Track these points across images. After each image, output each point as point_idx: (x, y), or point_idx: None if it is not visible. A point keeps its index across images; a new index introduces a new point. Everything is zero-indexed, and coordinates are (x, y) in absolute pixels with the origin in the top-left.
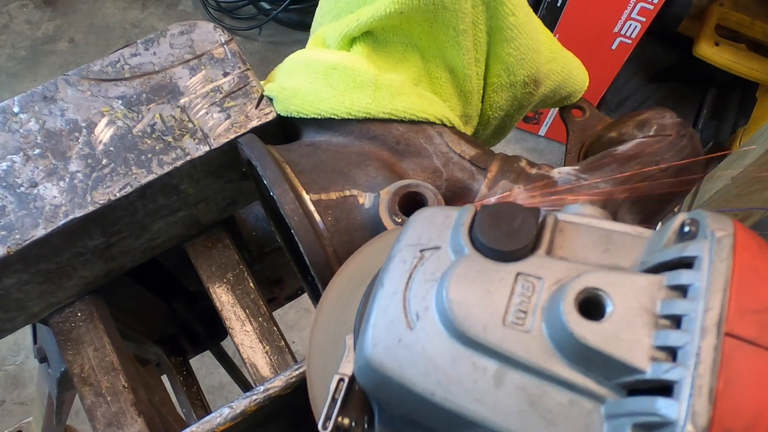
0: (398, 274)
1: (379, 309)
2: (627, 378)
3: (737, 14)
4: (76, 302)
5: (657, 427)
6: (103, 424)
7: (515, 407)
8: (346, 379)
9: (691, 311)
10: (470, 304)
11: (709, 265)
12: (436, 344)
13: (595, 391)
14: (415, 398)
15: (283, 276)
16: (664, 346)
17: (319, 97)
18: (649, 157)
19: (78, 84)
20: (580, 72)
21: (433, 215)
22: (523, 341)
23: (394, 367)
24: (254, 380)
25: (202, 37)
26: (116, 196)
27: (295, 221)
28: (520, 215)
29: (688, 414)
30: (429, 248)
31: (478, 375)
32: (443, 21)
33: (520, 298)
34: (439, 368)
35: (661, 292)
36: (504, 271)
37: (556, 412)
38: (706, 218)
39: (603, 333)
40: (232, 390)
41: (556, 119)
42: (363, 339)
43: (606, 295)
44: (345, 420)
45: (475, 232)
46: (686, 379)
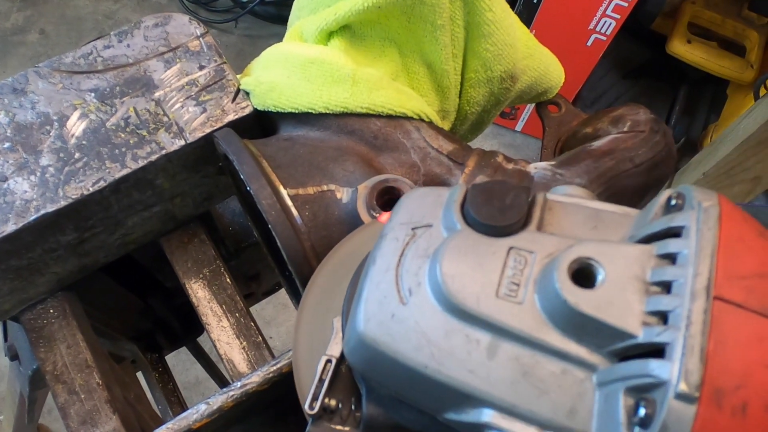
0: (390, 251)
1: (372, 285)
2: (619, 344)
3: (709, 13)
4: (48, 299)
5: (650, 389)
6: (77, 422)
7: (508, 378)
8: (334, 360)
9: (681, 276)
10: (463, 277)
11: (697, 233)
12: (429, 318)
13: (587, 360)
14: (408, 373)
15: (260, 271)
16: (656, 311)
17: (296, 91)
18: (623, 153)
19: (49, 76)
20: (556, 68)
21: (425, 194)
22: (515, 312)
23: (387, 342)
24: (231, 376)
25: (177, 30)
26: (89, 191)
27: (272, 216)
28: (511, 192)
29: (680, 373)
30: (421, 226)
31: (472, 347)
32: (421, 16)
33: (512, 271)
34: (433, 341)
35: (651, 260)
36: (496, 246)
37: (549, 381)
38: (692, 191)
39: (596, 300)
40: (209, 386)
41: (532, 115)
42: (355, 315)
43: (598, 264)
44: (332, 401)
45: (467, 208)
46: (678, 340)
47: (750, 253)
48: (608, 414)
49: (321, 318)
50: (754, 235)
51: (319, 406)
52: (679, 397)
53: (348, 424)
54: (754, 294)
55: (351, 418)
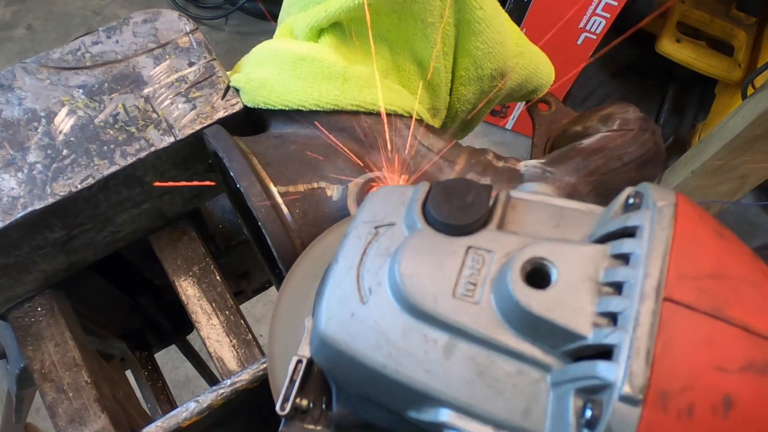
0: (353, 249)
1: (333, 284)
2: (571, 345)
3: (698, 12)
4: (36, 296)
5: (597, 391)
6: (65, 420)
7: (464, 377)
8: (305, 360)
9: (632, 277)
10: (421, 277)
11: (650, 234)
12: (388, 318)
13: (541, 360)
14: (368, 372)
15: (250, 269)
16: (606, 312)
17: (286, 88)
18: (612, 151)
19: (37, 72)
20: (547, 66)
21: (389, 193)
22: (472, 312)
23: (347, 341)
24: (221, 374)
25: (166, 26)
26: (77, 188)
27: (262, 214)
28: (473, 191)
29: (625, 375)
30: (384, 225)
31: (429, 347)
32: (411, 14)
33: (470, 270)
34: (391, 341)
35: (605, 261)
36: (455, 245)
37: (504, 381)
38: (649, 189)
39: (547, 301)
40: (199, 384)
41: (522, 113)
42: (317, 314)
43: (551, 265)
44: (303, 401)
45: (428, 207)
46: (625, 342)
47: (704, 253)
48: (560, 415)
49: (295, 318)
50: (710, 234)
51: (290, 407)
52: (624, 399)
53: (320, 423)
54: (706, 295)
55: (323, 418)
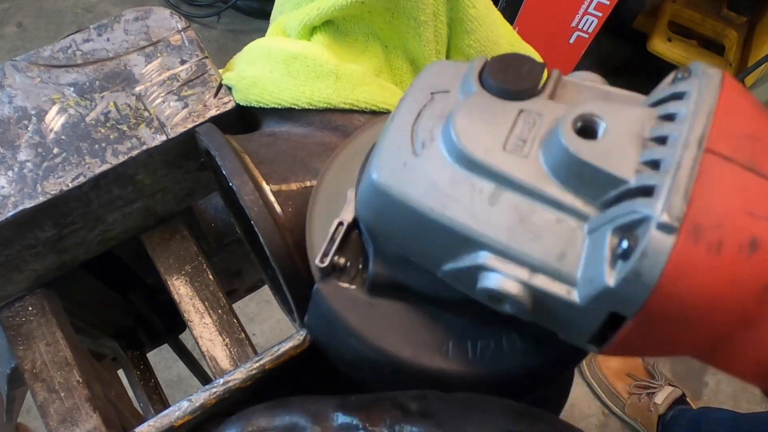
0: (408, 110)
1: (388, 139)
2: (613, 191)
3: (689, 11)
4: (26, 296)
5: (635, 226)
6: (57, 420)
7: (506, 223)
8: (345, 223)
9: (676, 131)
10: (474, 131)
11: (698, 96)
12: (438, 168)
13: (581, 210)
14: (414, 217)
15: (243, 268)
16: (650, 160)
17: (279, 86)
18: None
19: (27, 70)
20: None
21: (445, 66)
22: (519, 164)
23: (397, 187)
24: (214, 373)
25: (158, 24)
26: (68, 187)
27: (254, 212)
28: (528, 62)
29: (664, 207)
30: (440, 91)
31: (475, 194)
32: (404, 12)
33: (520, 129)
34: (440, 188)
35: (652, 121)
36: (508, 107)
37: (544, 228)
38: (699, 64)
39: (595, 149)
40: (191, 384)
41: None
42: (369, 165)
43: (601, 120)
44: (341, 259)
45: (484, 75)
46: (665, 182)
47: (745, 117)
48: (594, 254)
49: (335, 195)
50: (752, 104)
51: (329, 262)
52: (660, 227)
53: (355, 282)
54: (743, 150)
55: (358, 278)
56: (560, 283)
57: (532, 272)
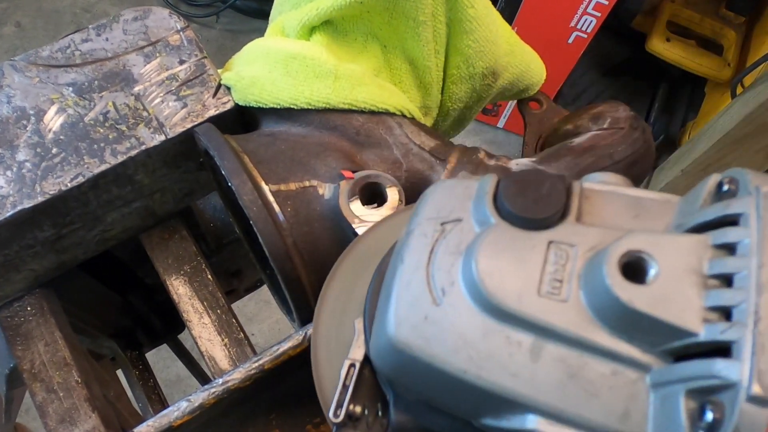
0: (419, 248)
1: (401, 285)
2: (676, 343)
3: (688, 11)
4: (25, 296)
5: (716, 391)
6: (55, 420)
7: (554, 380)
8: (357, 364)
9: (744, 268)
10: (502, 274)
11: (758, 221)
12: (465, 319)
13: (639, 360)
14: (444, 378)
15: (242, 268)
16: (718, 306)
17: (278, 86)
18: (603, 149)
19: (25, 70)
20: (538, 65)
21: (452, 187)
22: (560, 311)
23: (421, 346)
24: (213, 373)
25: (156, 24)
26: (67, 187)
27: (253, 212)
28: (547, 181)
29: (752, 373)
30: (450, 221)
31: (513, 349)
32: (403, 12)
33: (554, 266)
34: (471, 344)
35: (707, 251)
36: (535, 240)
37: (598, 383)
38: (746, 175)
39: (650, 295)
40: (190, 384)
41: (514, 111)
42: (384, 319)
43: (650, 257)
44: (357, 408)
45: (500, 200)
46: (746, 337)
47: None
48: (667, 417)
49: (339, 318)
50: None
51: (344, 414)
52: (752, 399)
53: (374, 430)
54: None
55: (377, 425)
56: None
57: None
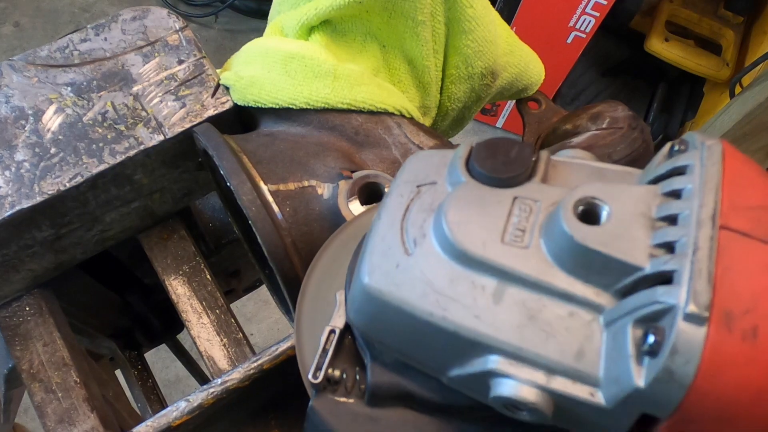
0: (395, 206)
1: (376, 239)
2: (626, 279)
3: (686, 11)
4: (24, 296)
5: (658, 317)
6: (54, 420)
7: (514, 322)
8: (337, 330)
9: (686, 209)
10: (469, 224)
11: (702, 169)
12: (434, 266)
13: (594, 301)
14: (413, 323)
15: (240, 268)
16: (662, 243)
17: (277, 86)
18: (601, 149)
19: (24, 70)
20: (537, 65)
21: (430, 155)
22: (521, 256)
23: (391, 291)
24: (212, 373)
25: (155, 24)
26: (66, 187)
27: (252, 212)
28: (516, 146)
29: (689, 295)
30: (426, 183)
31: (477, 293)
32: (402, 12)
33: (517, 218)
34: (438, 288)
35: (656, 199)
36: (502, 195)
37: (556, 324)
38: (695, 135)
39: (602, 235)
40: (189, 384)
41: (513, 111)
42: (360, 269)
43: (603, 203)
44: (336, 371)
45: (471, 163)
46: (685, 266)
47: (754, 187)
48: (616, 350)
49: (324, 295)
50: (757, 171)
51: (323, 376)
52: (689, 318)
53: (353, 395)
54: (761, 224)
55: (355, 389)
56: (582, 384)
57: (549, 375)
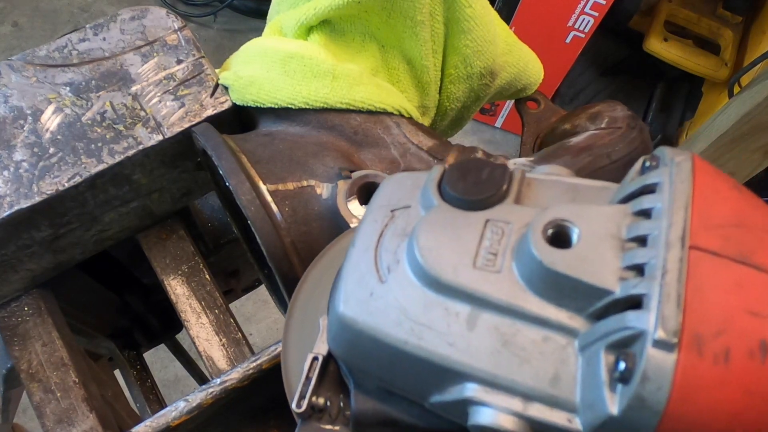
0: (369, 232)
1: (351, 266)
2: (598, 303)
3: (685, 11)
4: (22, 296)
5: (629, 343)
6: (53, 420)
7: (488, 348)
8: (321, 357)
9: (655, 229)
10: (440, 249)
11: (670, 187)
12: (407, 293)
13: (567, 325)
14: (389, 351)
15: (239, 267)
16: (632, 265)
17: (275, 86)
18: (600, 149)
19: (23, 69)
20: (535, 64)
21: (403, 179)
22: (493, 281)
23: (366, 320)
24: (211, 373)
25: (154, 23)
26: (64, 187)
27: (251, 212)
28: (488, 167)
29: (657, 321)
30: (400, 208)
31: (451, 319)
32: (401, 11)
33: (489, 241)
34: (411, 316)
35: (627, 218)
36: (473, 218)
37: (530, 349)
38: (665, 151)
39: (571, 258)
40: (188, 384)
41: (512, 111)
42: (334, 297)
43: (573, 225)
44: (320, 399)
45: (444, 185)
46: (654, 289)
47: (724, 203)
48: (591, 375)
49: (310, 319)
50: (728, 187)
51: (307, 405)
52: (657, 344)
53: (338, 423)
54: (731, 242)
55: (341, 417)
56: (559, 410)
57: (525, 402)
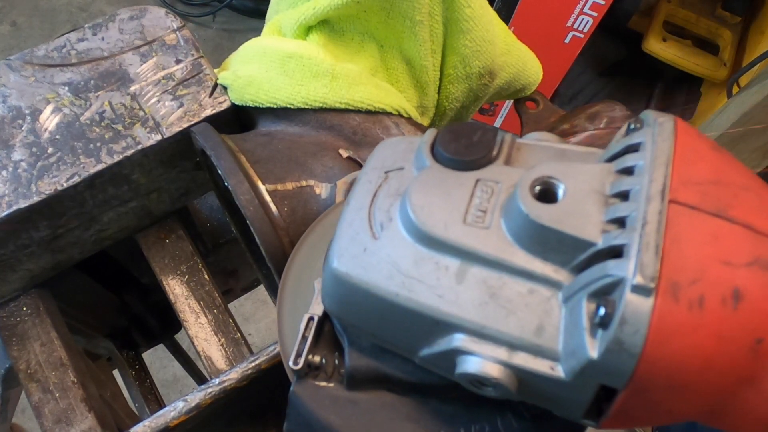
0: (364, 192)
1: (345, 224)
2: (581, 255)
3: (684, 11)
4: (21, 296)
5: (610, 290)
6: (51, 421)
7: (476, 300)
8: (316, 317)
9: (637, 185)
10: (431, 207)
11: (653, 146)
12: (399, 249)
13: (552, 278)
14: (381, 304)
15: (238, 267)
16: (614, 218)
17: (274, 86)
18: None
19: (21, 69)
20: (534, 65)
21: (397, 142)
22: (482, 236)
23: (359, 274)
24: (209, 373)
25: (153, 23)
26: (63, 186)
27: (250, 212)
28: (479, 130)
29: (636, 267)
30: (393, 169)
31: (441, 273)
32: (400, 11)
33: (479, 199)
34: (403, 270)
35: (611, 176)
36: (464, 178)
37: (516, 301)
38: (649, 113)
39: (557, 212)
40: (187, 384)
41: (511, 111)
42: (329, 254)
43: (559, 182)
44: (315, 357)
45: (437, 147)
46: (634, 239)
47: (704, 162)
48: (573, 324)
49: (304, 285)
50: (708, 147)
51: (303, 363)
52: (636, 289)
53: (333, 380)
54: (708, 197)
55: (335, 374)
56: (542, 359)
57: (511, 351)
